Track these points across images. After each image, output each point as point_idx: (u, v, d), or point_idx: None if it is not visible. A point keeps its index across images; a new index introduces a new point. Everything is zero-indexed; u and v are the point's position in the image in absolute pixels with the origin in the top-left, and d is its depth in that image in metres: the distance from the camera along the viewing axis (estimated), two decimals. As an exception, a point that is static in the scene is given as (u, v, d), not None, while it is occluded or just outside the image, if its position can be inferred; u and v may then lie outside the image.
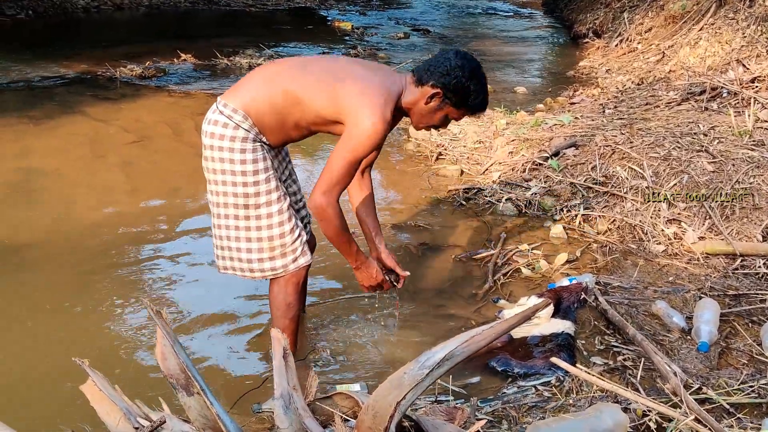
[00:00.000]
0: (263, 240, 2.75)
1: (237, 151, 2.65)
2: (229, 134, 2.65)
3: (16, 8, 11.73)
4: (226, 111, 2.67)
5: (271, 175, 2.73)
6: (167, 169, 5.48)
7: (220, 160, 2.67)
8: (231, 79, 8.27)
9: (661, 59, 8.34)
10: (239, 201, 2.71)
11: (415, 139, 6.26)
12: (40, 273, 3.80)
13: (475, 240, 4.45)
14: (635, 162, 4.83)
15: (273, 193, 2.73)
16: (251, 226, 2.74)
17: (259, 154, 2.69)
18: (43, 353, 3.08)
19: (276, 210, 2.74)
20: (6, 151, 5.56)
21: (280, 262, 2.77)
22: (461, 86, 2.68)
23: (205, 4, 14.25)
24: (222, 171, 2.69)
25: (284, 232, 2.76)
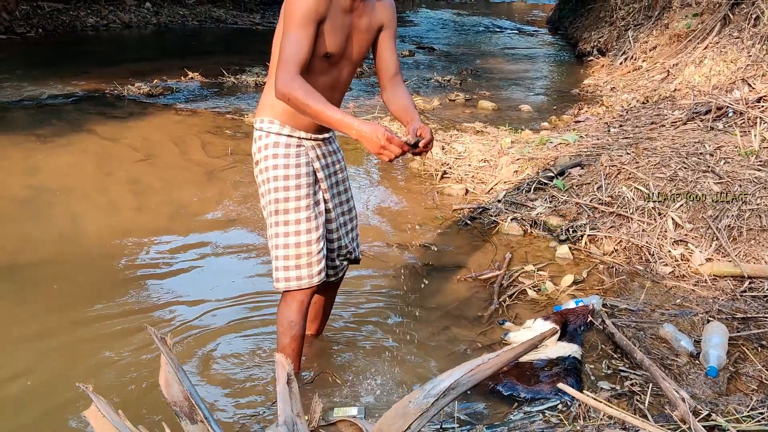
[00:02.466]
0: (290, 246, 2.76)
1: (269, 158, 2.73)
2: (259, 145, 2.77)
3: (27, 26, 11.82)
4: (256, 125, 2.79)
5: (302, 181, 2.74)
6: (174, 186, 5.49)
7: (260, 171, 2.78)
8: (238, 97, 8.32)
9: (666, 77, 8.36)
10: (271, 207, 2.76)
11: (419, 158, 6.27)
12: (45, 292, 3.80)
13: (480, 260, 4.44)
14: (641, 182, 4.83)
15: (303, 200, 2.74)
16: (280, 232, 2.76)
17: (291, 161, 2.73)
18: (46, 375, 3.07)
19: (305, 217, 2.75)
20: (15, 169, 5.59)
21: (294, 273, 2.77)
22: None
23: (213, 23, 14.36)
24: (261, 182, 2.78)
25: (311, 240, 2.77)
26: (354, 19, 2.68)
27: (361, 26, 2.71)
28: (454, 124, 7.57)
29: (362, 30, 2.72)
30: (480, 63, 11.80)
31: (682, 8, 9.49)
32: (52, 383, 3.00)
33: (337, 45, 2.64)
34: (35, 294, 3.77)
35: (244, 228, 4.86)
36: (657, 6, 10.40)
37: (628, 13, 11.30)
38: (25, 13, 12.31)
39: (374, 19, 2.76)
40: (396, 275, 4.20)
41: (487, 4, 21.92)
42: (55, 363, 3.16)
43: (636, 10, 11.11)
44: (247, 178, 5.74)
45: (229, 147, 6.37)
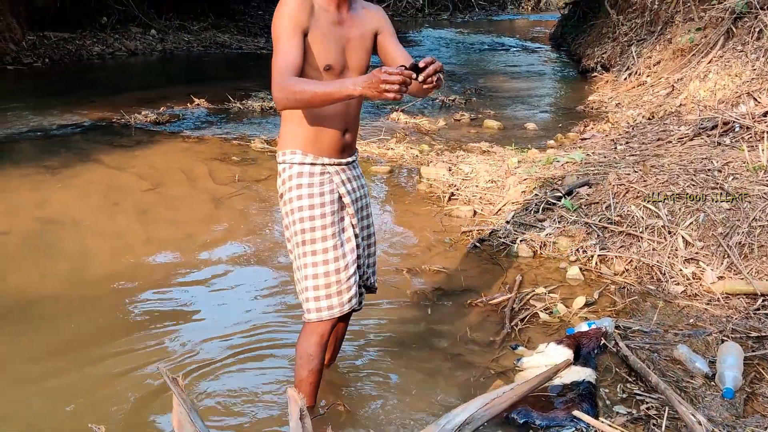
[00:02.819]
0: (319, 276, 2.75)
1: (294, 188, 2.76)
2: (284, 177, 2.81)
3: (33, 57, 11.91)
4: (279, 159, 2.83)
5: (327, 210, 2.75)
6: (182, 215, 5.50)
7: (284, 203, 2.80)
8: (244, 123, 8.35)
9: (671, 92, 8.36)
10: (298, 238, 2.77)
11: (427, 180, 6.27)
12: (54, 328, 3.79)
13: (490, 283, 4.43)
14: (650, 200, 4.81)
15: (328, 228, 2.75)
16: (308, 262, 2.76)
17: (315, 189, 2.75)
18: (53, 415, 3.05)
19: (332, 245, 2.75)
20: (24, 202, 5.60)
21: (325, 303, 2.76)
22: None
23: (218, 48, 14.43)
24: (285, 214, 2.80)
25: (339, 268, 2.76)
26: (345, 30, 2.74)
27: (354, 36, 2.77)
28: (460, 144, 7.57)
29: (357, 39, 2.78)
30: (484, 81, 11.82)
31: (684, 23, 9.50)
32: (63, 424, 2.99)
33: (334, 57, 2.69)
34: (45, 332, 3.76)
35: (252, 258, 4.86)
36: (659, 21, 10.41)
37: (631, 28, 11.31)
38: (32, 43, 12.40)
39: (366, 27, 2.83)
40: (406, 301, 4.19)
41: (490, 22, 22.00)
42: (66, 402, 3.14)
43: (638, 26, 11.12)
44: (254, 204, 5.75)
45: (236, 174, 6.38)
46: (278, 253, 4.85)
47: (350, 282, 2.79)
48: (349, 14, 2.77)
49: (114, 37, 13.77)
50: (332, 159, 2.80)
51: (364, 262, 2.97)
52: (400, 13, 21.83)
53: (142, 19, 14.75)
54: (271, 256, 4.85)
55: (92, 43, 13.29)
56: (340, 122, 2.78)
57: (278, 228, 5.27)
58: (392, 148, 7.28)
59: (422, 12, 22.30)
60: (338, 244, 2.77)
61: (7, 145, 7.10)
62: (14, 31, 12.14)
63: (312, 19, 2.63)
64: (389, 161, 6.94)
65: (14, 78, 10.84)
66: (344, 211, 2.83)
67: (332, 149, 2.79)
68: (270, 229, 5.31)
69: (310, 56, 2.65)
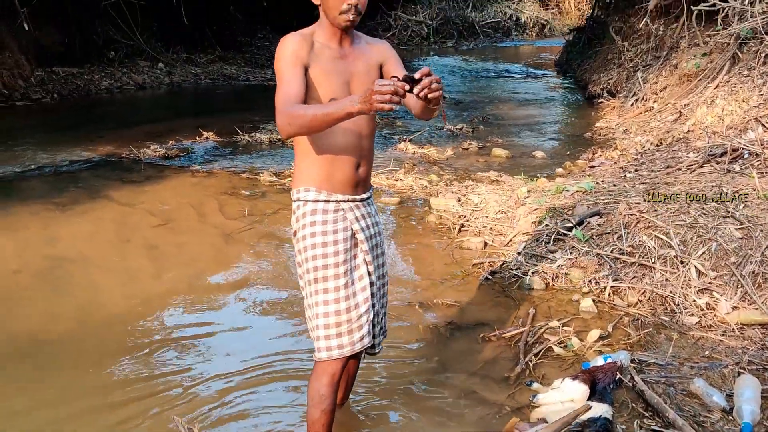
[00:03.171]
0: (330, 315, 2.74)
1: (307, 226, 2.76)
2: (297, 215, 2.81)
3: (42, 92, 12.00)
4: (293, 197, 2.84)
5: (340, 247, 2.75)
6: (191, 252, 5.50)
7: (297, 240, 2.80)
8: (253, 155, 8.37)
9: (679, 118, 8.35)
10: (310, 276, 2.76)
11: (436, 211, 6.26)
12: (63, 370, 3.78)
13: (503, 316, 4.41)
14: (661, 230, 4.79)
15: (341, 266, 2.74)
16: (320, 300, 2.75)
17: (329, 227, 2.75)
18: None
19: (343, 283, 2.74)
20: (34, 239, 5.61)
21: (335, 341, 2.74)
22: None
23: (225, 80, 14.51)
24: (299, 251, 2.79)
25: (350, 306, 2.75)
26: (349, 64, 2.77)
27: (358, 70, 2.80)
28: (468, 173, 7.57)
29: (362, 73, 2.80)
30: (491, 109, 11.84)
31: (690, 48, 9.52)
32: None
33: (338, 91, 2.71)
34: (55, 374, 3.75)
35: (263, 294, 4.85)
36: (665, 47, 10.43)
37: (636, 54, 11.34)
38: (40, 79, 12.48)
39: (371, 60, 2.85)
40: (419, 336, 4.17)
41: (495, 49, 22.08)
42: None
43: (644, 51, 11.14)
44: (264, 239, 5.75)
45: (245, 208, 6.39)
46: (288, 288, 4.84)
47: (361, 321, 2.77)
48: (352, 48, 2.81)
49: (122, 71, 13.86)
50: (346, 195, 2.80)
51: (378, 301, 2.96)
52: (406, 42, 21.94)
53: (149, 53, 14.86)
54: (281, 292, 4.85)
55: (100, 77, 13.38)
56: (352, 157, 2.79)
57: (289, 263, 5.27)
58: (401, 179, 7.28)
59: (427, 40, 22.40)
60: (350, 282, 2.76)
61: (18, 183, 7.14)
62: (23, 68, 12.24)
63: (312, 55, 2.69)
64: (398, 192, 6.94)
65: (23, 114, 10.91)
66: (358, 248, 2.82)
67: (346, 185, 2.80)
68: (280, 265, 5.30)
69: (314, 91, 2.69)
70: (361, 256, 2.83)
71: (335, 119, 2.48)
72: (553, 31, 25.25)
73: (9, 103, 11.34)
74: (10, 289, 4.78)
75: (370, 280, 2.83)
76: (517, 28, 25.52)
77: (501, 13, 25.72)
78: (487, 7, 25.97)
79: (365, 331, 2.78)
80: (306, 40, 2.70)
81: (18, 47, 12.26)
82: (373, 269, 2.86)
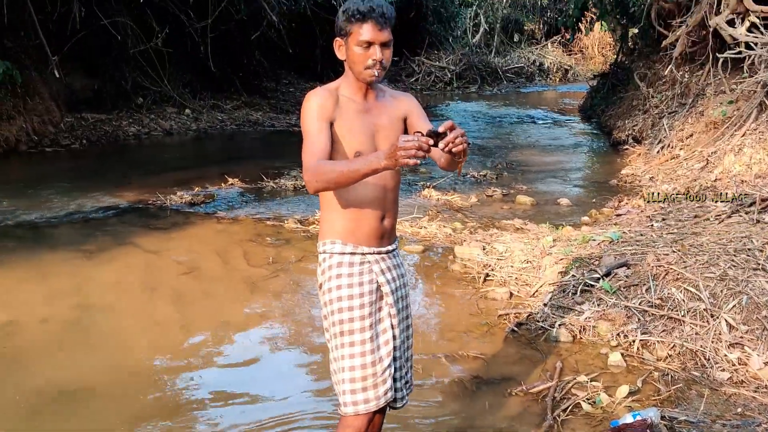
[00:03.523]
0: (356, 369, 2.72)
1: (333, 278, 2.77)
2: (323, 267, 2.82)
3: (71, 138, 12.19)
4: (319, 249, 2.85)
5: (366, 300, 2.75)
6: (218, 300, 5.51)
7: (323, 293, 2.81)
8: (277, 202, 8.42)
9: (706, 166, 8.31)
10: (335, 329, 2.76)
11: (461, 260, 6.24)
12: (91, 423, 3.78)
13: (530, 370, 4.36)
14: (691, 283, 4.74)
15: (367, 319, 2.74)
16: (345, 354, 2.74)
17: (355, 279, 2.75)
18: None
19: (369, 336, 2.74)
20: (62, 288, 5.65)
21: (361, 396, 2.72)
22: (338, 19, 2.76)
23: (251, 126, 14.66)
24: (324, 303, 2.80)
25: (375, 360, 2.74)
26: (373, 118, 2.81)
27: (383, 123, 2.82)
28: (493, 221, 7.56)
29: (386, 126, 2.83)
30: (515, 155, 11.86)
31: (716, 95, 9.51)
32: None
33: (363, 144, 2.74)
34: (85, 424, 3.76)
35: (288, 345, 4.85)
36: (690, 93, 10.43)
37: (662, 100, 11.33)
38: (70, 124, 12.69)
39: (395, 113, 2.88)
40: (444, 390, 4.13)
41: (518, 94, 22.19)
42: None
43: (669, 98, 11.14)
44: (289, 288, 5.75)
45: (270, 255, 6.41)
46: (314, 339, 4.83)
47: (385, 375, 2.75)
48: (377, 102, 2.84)
49: (149, 118, 14.05)
50: (372, 248, 2.81)
51: (402, 355, 2.94)
52: (429, 87, 22.09)
53: (176, 100, 15.06)
54: (307, 342, 4.84)
55: (128, 123, 13.57)
56: (377, 209, 2.80)
57: (314, 312, 5.26)
58: (425, 227, 7.28)
59: (451, 85, 22.54)
60: (374, 335, 2.76)
61: (47, 230, 7.22)
62: (53, 114, 12.46)
63: (338, 110, 2.73)
64: (422, 240, 6.93)
65: (53, 160, 11.07)
66: (383, 301, 2.82)
67: (371, 237, 2.81)
68: (305, 314, 5.29)
69: (339, 145, 2.72)
70: (386, 309, 2.82)
71: (362, 175, 2.50)
72: (577, 76, 25.32)
73: (39, 149, 11.52)
74: (38, 338, 4.81)
75: (393, 334, 2.82)
76: (541, 74, 25.63)
77: (524, 58, 25.88)
78: (510, 53, 26.15)
79: (389, 384, 2.77)
80: (331, 95, 2.74)
81: (48, 93, 12.50)
82: (397, 323, 2.85)
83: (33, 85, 12.13)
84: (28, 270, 5.97)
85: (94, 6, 12.73)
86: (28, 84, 11.94)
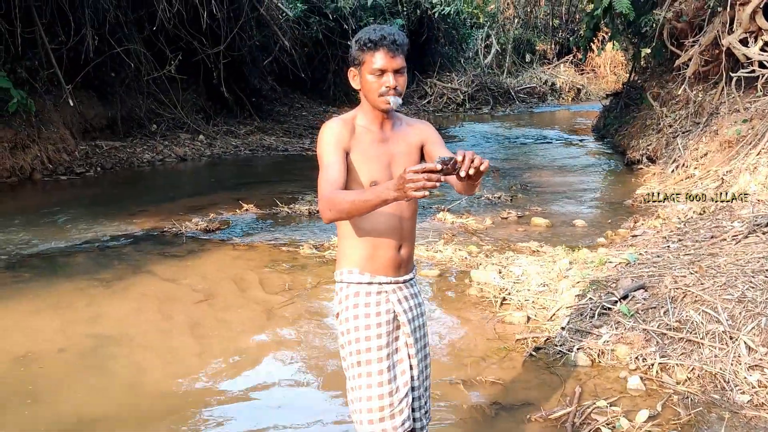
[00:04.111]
0: (373, 399, 2.72)
1: (350, 308, 2.79)
2: (340, 297, 2.84)
3: (86, 166, 12.27)
4: (336, 278, 2.87)
5: (383, 330, 2.76)
6: (234, 329, 5.51)
7: (340, 322, 2.82)
8: (292, 227, 8.43)
9: (721, 185, 8.26)
10: (353, 359, 2.77)
11: (477, 283, 6.22)
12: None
13: (549, 395, 4.33)
14: (709, 305, 4.70)
15: (384, 349, 2.75)
16: (363, 384, 2.75)
17: (372, 309, 2.77)
18: None
19: (386, 366, 2.74)
20: (79, 317, 5.67)
21: (378, 426, 2.72)
22: (351, 49, 2.78)
23: (264, 151, 14.74)
24: (341, 333, 2.82)
25: (392, 390, 2.74)
26: (390, 147, 2.82)
27: (399, 152, 2.83)
28: (508, 244, 7.54)
29: (402, 155, 2.84)
30: (529, 176, 11.84)
31: (730, 114, 9.47)
32: None
33: (379, 173, 2.75)
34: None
35: (305, 373, 4.83)
36: (704, 112, 10.39)
37: (675, 120, 11.29)
38: (84, 152, 12.78)
39: (412, 141, 2.89)
40: (463, 416, 4.11)
41: (531, 114, 22.21)
42: None
43: (683, 117, 11.09)
44: (305, 315, 5.75)
45: (286, 282, 6.42)
46: (331, 367, 4.81)
47: (402, 405, 2.75)
48: (393, 131, 2.85)
49: (164, 144, 14.15)
50: (389, 277, 2.81)
51: (420, 384, 2.92)
52: (441, 109, 22.16)
53: (190, 126, 15.18)
54: (323, 371, 4.82)
55: (142, 150, 13.67)
56: (394, 238, 2.81)
57: (330, 340, 5.24)
58: (440, 251, 7.27)
59: (463, 106, 22.61)
60: (392, 365, 2.76)
61: (63, 258, 7.26)
62: (67, 142, 12.56)
63: (354, 140, 2.75)
64: (438, 264, 6.92)
65: (68, 188, 11.14)
66: (399, 331, 2.82)
67: (388, 267, 2.81)
68: (321, 342, 5.28)
69: (355, 174, 2.73)
70: (403, 338, 2.82)
71: (372, 206, 2.49)
72: (589, 95, 25.34)
73: (54, 177, 11.62)
74: (55, 368, 4.82)
75: (410, 364, 2.82)
76: (553, 93, 25.67)
77: (536, 78, 25.94)
78: (522, 73, 26.24)
79: (406, 414, 2.76)
80: (347, 125, 2.76)
81: (62, 122, 12.63)
82: (414, 352, 2.85)
83: (47, 114, 12.26)
84: (44, 300, 5.99)
85: (107, 34, 12.89)
86: (43, 113, 12.08)
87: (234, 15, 14.63)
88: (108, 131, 13.94)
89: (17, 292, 6.21)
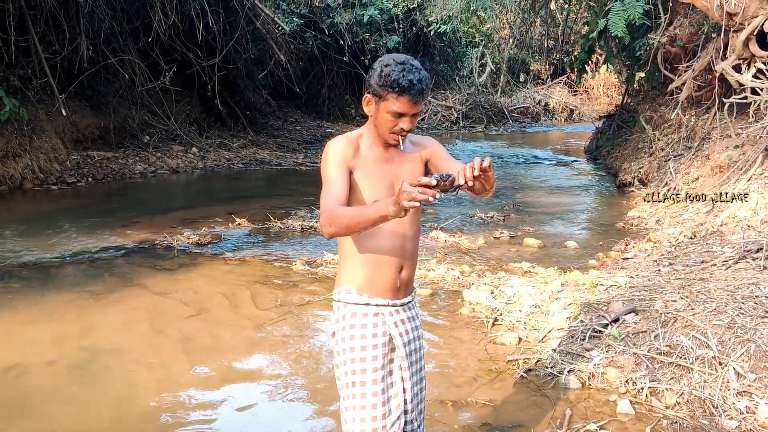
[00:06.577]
0: (366, 420, 2.74)
1: (347, 328, 2.80)
2: (337, 316, 2.85)
3: (77, 176, 12.26)
4: (334, 297, 2.88)
5: (378, 352, 2.77)
6: (225, 344, 5.50)
7: (336, 342, 2.83)
8: (285, 243, 8.43)
9: (712, 210, 8.31)
10: (347, 379, 2.78)
11: (469, 303, 6.23)
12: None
13: (539, 417, 4.33)
14: (699, 330, 4.72)
15: (379, 371, 2.76)
16: (356, 405, 2.76)
17: (368, 330, 2.78)
18: None
19: (381, 389, 2.76)
20: (70, 330, 5.65)
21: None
22: (374, 76, 2.70)
23: (257, 164, 14.76)
24: (337, 353, 2.82)
25: (386, 413, 2.76)
26: (394, 167, 2.82)
27: (403, 171, 2.83)
28: (500, 264, 7.56)
29: (406, 173, 2.83)
30: (521, 196, 11.89)
31: (722, 139, 9.55)
32: None
33: (382, 192, 2.75)
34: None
35: (295, 391, 4.81)
36: (696, 137, 10.47)
37: (667, 143, 11.37)
38: (76, 162, 12.78)
39: (416, 159, 2.91)
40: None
41: (524, 134, 22.33)
42: None
43: (675, 141, 11.18)
44: (296, 332, 5.74)
45: (278, 298, 6.41)
46: (322, 384, 4.81)
47: (395, 428, 2.77)
48: (398, 152, 2.85)
49: (156, 156, 14.16)
50: (386, 300, 2.82)
51: (414, 408, 2.92)
52: (435, 126, 22.26)
53: (183, 138, 15.20)
54: (314, 388, 4.81)
55: (134, 161, 13.68)
56: (395, 260, 2.82)
57: (321, 358, 5.24)
58: (432, 269, 7.28)
59: (457, 125, 22.71)
60: (386, 387, 2.77)
61: (53, 270, 7.24)
62: (59, 152, 12.57)
63: (358, 159, 2.76)
64: (430, 283, 6.93)
65: (58, 198, 11.13)
66: (394, 353, 2.82)
67: (387, 289, 2.82)
68: (312, 359, 5.27)
69: (358, 192, 2.74)
70: (397, 362, 2.83)
71: (372, 222, 2.48)
72: (582, 116, 25.50)
73: (45, 187, 11.62)
74: (45, 381, 4.80)
75: (403, 387, 2.83)
76: (546, 113, 25.83)
77: (530, 98, 26.11)
78: (515, 93, 26.39)
79: None
80: (352, 143, 2.77)
81: (54, 131, 12.64)
82: (408, 376, 2.85)
83: (39, 123, 12.27)
84: (34, 311, 5.98)
85: (102, 45, 12.91)
86: (35, 122, 12.09)
87: (230, 28, 14.69)
88: (100, 142, 13.95)
89: (6, 303, 6.19)
